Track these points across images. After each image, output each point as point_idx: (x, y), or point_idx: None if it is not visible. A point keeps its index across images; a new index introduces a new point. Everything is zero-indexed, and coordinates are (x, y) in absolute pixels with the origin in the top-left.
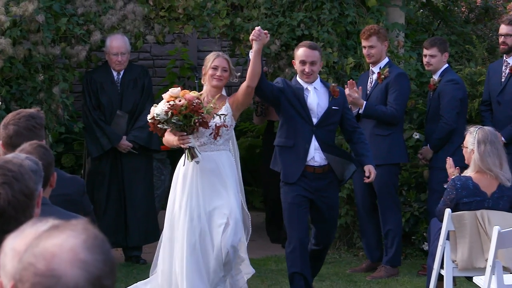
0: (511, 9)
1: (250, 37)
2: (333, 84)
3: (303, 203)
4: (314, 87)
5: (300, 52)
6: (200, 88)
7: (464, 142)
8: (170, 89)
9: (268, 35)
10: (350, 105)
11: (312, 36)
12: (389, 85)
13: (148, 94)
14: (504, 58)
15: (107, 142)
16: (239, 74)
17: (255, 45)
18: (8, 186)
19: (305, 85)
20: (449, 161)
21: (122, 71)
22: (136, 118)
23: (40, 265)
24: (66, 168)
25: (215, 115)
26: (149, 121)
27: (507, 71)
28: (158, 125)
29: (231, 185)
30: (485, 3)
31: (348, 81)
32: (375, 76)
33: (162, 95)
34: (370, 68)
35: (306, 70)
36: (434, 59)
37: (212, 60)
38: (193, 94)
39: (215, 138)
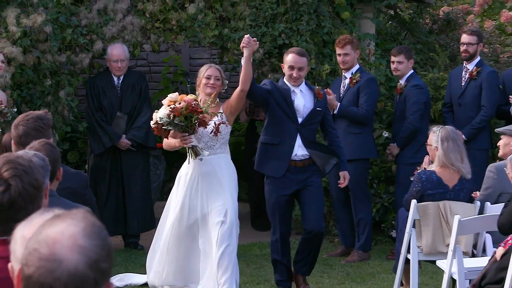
0: (470, 21)
1: (241, 45)
2: (317, 87)
3: (286, 202)
4: (300, 90)
5: (289, 58)
6: (192, 92)
7: (428, 141)
8: (168, 95)
9: (257, 42)
10: None
11: (292, 45)
12: (360, 88)
13: (145, 97)
14: (464, 64)
15: (108, 141)
16: (226, 82)
17: (245, 52)
18: (18, 178)
19: (292, 88)
20: (426, 159)
21: (122, 76)
22: (134, 119)
23: (44, 250)
24: (71, 164)
25: (212, 114)
26: (153, 125)
27: (467, 76)
28: (163, 127)
29: (228, 187)
30: (447, 16)
31: (325, 90)
32: (347, 81)
33: (162, 101)
34: (343, 73)
35: (294, 75)
36: (401, 65)
37: (205, 71)
38: (191, 97)
39: (215, 135)
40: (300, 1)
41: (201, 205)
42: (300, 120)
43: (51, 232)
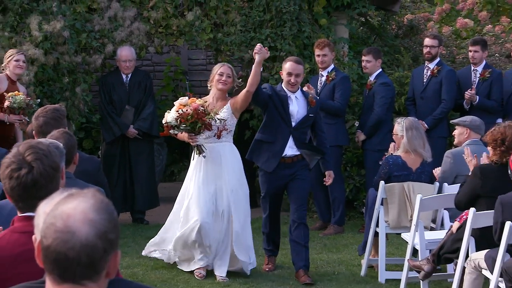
0: (430, 27)
1: (254, 51)
2: (311, 95)
3: (276, 192)
4: (296, 96)
5: (288, 65)
6: (190, 89)
7: (394, 130)
8: (179, 99)
9: (268, 51)
10: None
11: (276, 47)
12: (335, 85)
13: (149, 93)
14: (426, 64)
15: (118, 130)
16: (238, 80)
17: (257, 58)
18: (39, 161)
19: (288, 94)
20: (391, 146)
21: (130, 74)
22: (140, 112)
23: (59, 224)
24: (86, 150)
25: (216, 119)
26: (164, 124)
27: (429, 73)
28: (170, 131)
29: (233, 171)
30: (410, 22)
31: (306, 85)
32: (324, 78)
33: (174, 103)
34: (320, 72)
35: (292, 81)
36: (369, 64)
37: (219, 68)
38: (199, 102)
39: (218, 138)
40: (283, 9)
41: (208, 184)
42: (293, 124)
43: (65, 208)
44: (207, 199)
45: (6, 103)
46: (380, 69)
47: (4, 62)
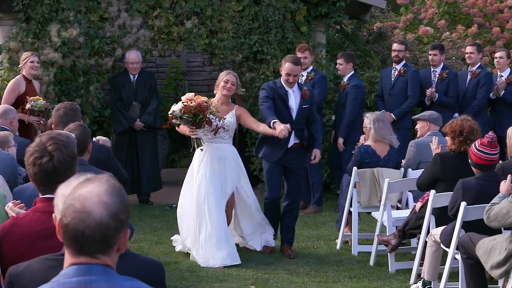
0: (396, 34)
1: (277, 133)
2: (305, 88)
3: (276, 170)
4: (293, 90)
5: (287, 66)
6: (189, 88)
7: (363, 124)
8: (186, 94)
9: (287, 133)
10: None
11: (263, 51)
12: (314, 84)
13: (154, 91)
14: (394, 65)
15: (126, 123)
16: (242, 90)
17: (275, 131)
18: (59, 151)
19: (287, 89)
20: (362, 137)
21: (137, 75)
22: (146, 107)
23: (77, 205)
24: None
25: (218, 117)
26: (169, 115)
27: (396, 73)
28: (173, 120)
29: (234, 168)
30: (379, 30)
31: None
32: (304, 78)
33: (181, 97)
34: (301, 72)
35: (290, 80)
36: (341, 66)
37: (225, 76)
38: (203, 98)
39: (214, 134)
40: (269, 18)
41: (213, 179)
42: (294, 117)
43: (82, 191)
44: (218, 192)
45: (28, 106)
46: (353, 71)
47: (20, 64)
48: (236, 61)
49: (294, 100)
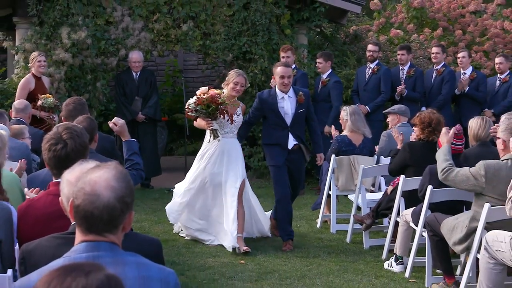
0: (370, 36)
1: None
2: (300, 93)
3: (282, 169)
4: (288, 95)
5: (279, 70)
6: (185, 84)
7: (340, 116)
8: (201, 87)
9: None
10: None
11: (251, 51)
12: (296, 80)
13: (154, 87)
14: (368, 64)
15: (129, 115)
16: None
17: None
18: (72, 140)
19: (282, 95)
20: (333, 129)
21: (138, 73)
22: (147, 101)
23: (88, 188)
24: (104, 132)
25: (233, 106)
26: (186, 109)
27: (370, 71)
28: (188, 113)
29: (240, 160)
30: (355, 32)
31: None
32: None
33: (196, 91)
34: None
35: (285, 82)
36: (321, 65)
37: (235, 77)
38: (217, 91)
39: (231, 122)
40: (257, 22)
41: (218, 170)
42: (288, 122)
43: (93, 176)
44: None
45: (39, 103)
46: (331, 69)
47: (30, 63)
48: (227, 60)
49: (289, 105)
